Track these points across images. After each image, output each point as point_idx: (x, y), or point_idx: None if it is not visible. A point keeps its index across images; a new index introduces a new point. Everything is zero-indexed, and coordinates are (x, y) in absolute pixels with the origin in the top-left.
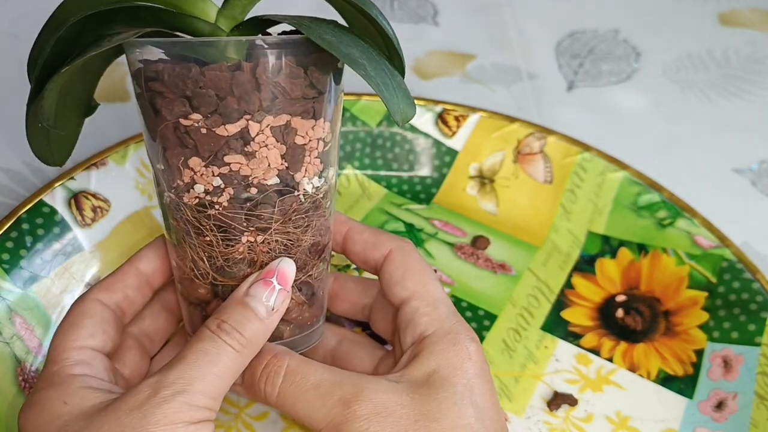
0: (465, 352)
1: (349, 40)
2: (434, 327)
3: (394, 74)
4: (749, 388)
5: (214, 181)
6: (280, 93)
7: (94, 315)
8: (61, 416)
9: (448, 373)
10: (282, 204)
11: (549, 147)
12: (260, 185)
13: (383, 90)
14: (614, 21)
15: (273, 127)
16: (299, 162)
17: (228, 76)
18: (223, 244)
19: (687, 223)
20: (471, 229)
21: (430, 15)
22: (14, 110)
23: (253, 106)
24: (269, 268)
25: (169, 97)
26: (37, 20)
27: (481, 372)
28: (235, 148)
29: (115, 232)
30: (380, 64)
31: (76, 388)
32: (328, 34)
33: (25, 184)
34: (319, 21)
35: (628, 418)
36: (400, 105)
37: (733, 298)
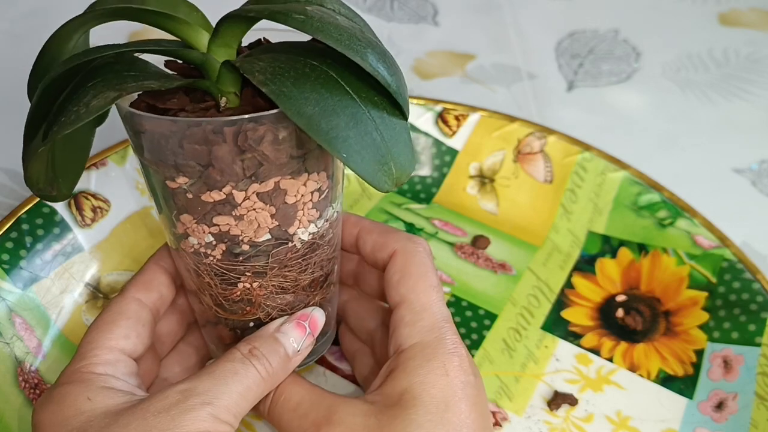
0: (441, 369)
1: (335, 101)
2: (412, 340)
3: (386, 141)
4: (749, 389)
5: (206, 237)
6: (264, 160)
7: (131, 316)
8: (84, 412)
9: (419, 391)
10: (276, 255)
11: (549, 146)
12: (252, 242)
13: (367, 175)
14: (614, 21)
15: (260, 192)
16: (291, 218)
17: (206, 151)
18: (220, 286)
19: (687, 223)
20: (471, 229)
21: (430, 15)
22: (14, 110)
23: (236, 177)
24: (303, 313)
25: (153, 157)
26: (37, 20)
27: (461, 387)
28: (223, 211)
29: (114, 232)
30: (367, 135)
31: (100, 387)
32: (310, 104)
33: (25, 184)
34: (306, 68)
35: (628, 418)
36: (388, 177)
37: (733, 298)
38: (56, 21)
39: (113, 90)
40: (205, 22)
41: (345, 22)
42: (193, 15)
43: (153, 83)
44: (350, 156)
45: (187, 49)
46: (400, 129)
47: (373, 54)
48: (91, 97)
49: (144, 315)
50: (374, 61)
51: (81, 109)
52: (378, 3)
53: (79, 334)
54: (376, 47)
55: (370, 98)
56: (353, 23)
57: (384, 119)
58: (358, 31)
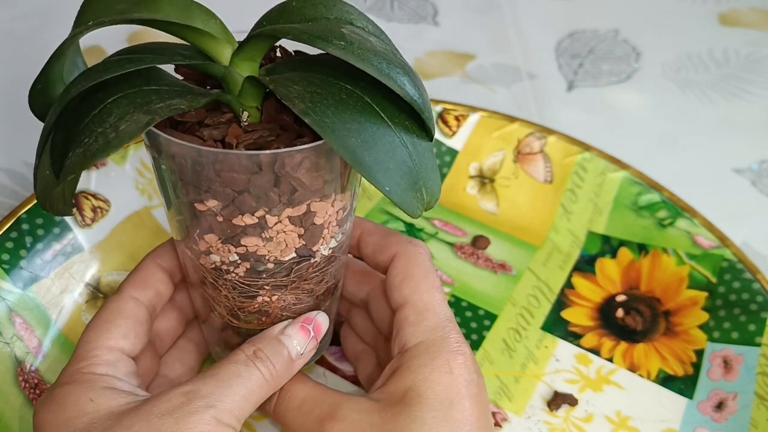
0: (445, 366)
1: (374, 131)
2: (416, 339)
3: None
4: (749, 389)
5: (230, 256)
6: (300, 186)
7: (129, 315)
8: (87, 413)
9: (424, 389)
10: (299, 270)
11: (549, 147)
12: (277, 261)
13: (404, 204)
14: (614, 21)
15: (292, 216)
16: (317, 237)
17: (245, 179)
18: (238, 299)
19: (687, 223)
20: (471, 229)
21: (430, 15)
22: (14, 110)
23: (271, 203)
24: (307, 316)
25: (182, 180)
26: (37, 20)
27: (465, 385)
28: (252, 233)
29: (114, 232)
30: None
31: (102, 388)
32: (353, 135)
33: (25, 184)
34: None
35: (628, 418)
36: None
37: (733, 298)
38: (56, 21)
39: (142, 112)
40: (223, 31)
41: (378, 44)
42: (210, 23)
43: (182, 104)
44: (392, 188)
45: (210, 63)
46: (427, 153)
47: (407, 78)
48: (117, 119)
49: (141, 313)
50: (410, 87)
51: (109, 132)
52: (378, 3)
53: (79, 334)
54: (408, 70)
55: (402, 123)
56: (384, 44)
57: (415, 144)
58: (390, 54)
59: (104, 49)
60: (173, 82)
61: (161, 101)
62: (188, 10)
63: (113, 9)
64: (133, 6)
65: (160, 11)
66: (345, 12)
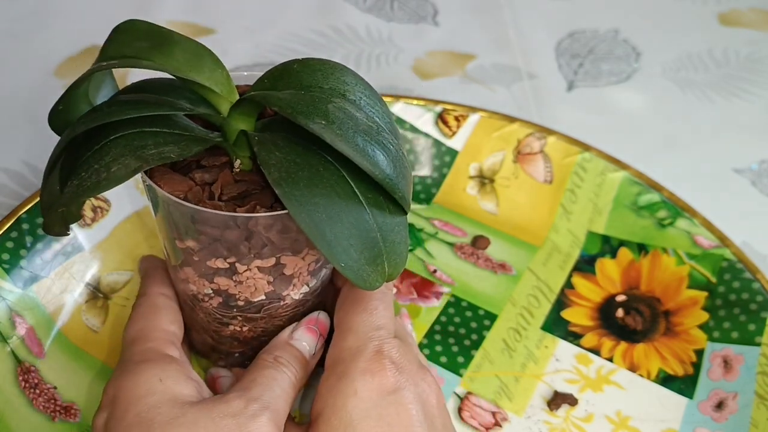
0: (349, 388)
1: (342, 206)
2: (330, 359)
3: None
4: (749, 388)
5: (205, 289)
6: (270, 243)
7: (166, 306)
8: (155, 393)
9: (329, 415)
10: (269, 309)
11: (549, 147)
12: (247, 300)
13: (359, 281)
14: (614, 21)
15: (261, 267)
16: (287, 284)
17: (217, 233)
18: (214, 323)
19: (687, 222)
20: (471, 229)
21: (430, 15)
22: (14, 110)
23: (241, 255)
24: (310, 317)
25: (166, 217)
26: (37, 20)
27: (372, 405)
28: (224, 275)
29: (115, 232)
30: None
31: (172, 369)
32: (319, 210)
33: (25, 184)
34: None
35: (628, 418)
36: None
37: (733, 298)
38: (56, 21)
39: (134, 158)
40: (227, 82)
41: (363, 120)
42: (216, 73)
43: (174, 152)
44: (348, 264)
45: (210, 113)
46: (398, 227)
47: (383, 156)
48: (111, 159)
49: (174, 305)
50: (384, 166)
51: (102, 172)
52: (378, 3)
53: (79, 334)
54: (388, 146)
55: (375, 199)
56: (372, 117)
57: (386, 220)
58: (373, 131)
59: None
60: (175, 123)
61: (155, 147)
62: (199, 57)
63: (132, 47)
64: (149, 49)
65: (172, 58)
66: (341, 82)
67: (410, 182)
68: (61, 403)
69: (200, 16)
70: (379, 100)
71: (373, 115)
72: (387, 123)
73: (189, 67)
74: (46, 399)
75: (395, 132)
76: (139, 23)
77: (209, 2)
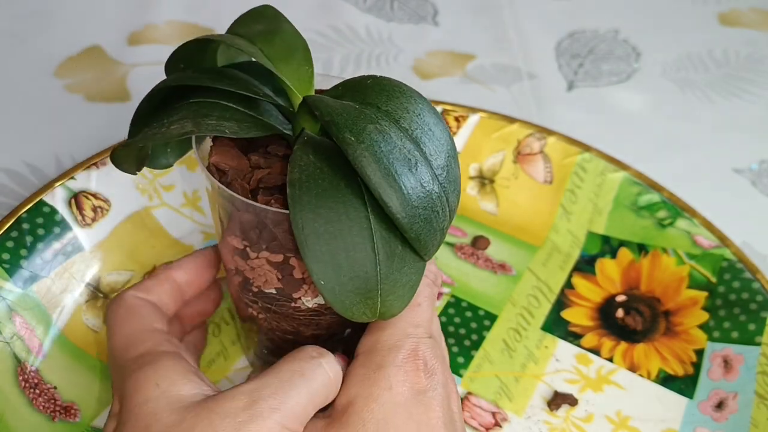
0: (385, 381)
1: (346, 229)
2: (365, 347)
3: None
4: (749, 388)
5: (230, 264)
6: (277, 239)
7: (143, 307)
8: (152, 400)
9: (361, 405)
10: (279, 308)
11: (549, 147)
12: (260, 290)
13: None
14: (614, 21)
15: (270, 260)
16: (297, 287)
17: (237, 214)
18: (239, 301)
19: (687, 223)
20: (471, 229)
21: (430, 15)
22: (14, 110)
23: (251, 241)
24: None
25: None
26: (37, 20)
27: (404, 402)
28: (239, 255)
29: (115, 232)
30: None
31: (168, 369)
32: (318, 222)
33: (25, 184)
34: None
35: (628, 418)
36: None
37: (733, 297)
38: (56, 21)
39: (192, 123)
40: (307, 80)
41: (404, 150)
42: (301, 69)
43: (231, 128)
44: (328, 284)
45: (284, 105)
46: (409, 271)
47: (406, 192)
48: (177, 119)
49: (151, 308)
50: (401, 201)
51: (164, 127)
52: (378, 3)
53: (79, 334)
54: (418, 186)
55: (390, 235)
56: (413, 154)
57: (395, 259)
58: (410, 164)
59: (104, 48)
60: (253, 104)
61: (216, 119)
62: (292, 51)
63: (250, 28)
64: (258, 33)
65: (269, 46)
66: (402, 108)
67: (437, 229)
68: (61, 403)
69: (200, 16)
70: (442, 139)
71: (424, 149)
72: (440, 163)
73: (279, 58)
74: (46, 399)
75: (450, 176)
76: (268, 9)
77: (209, 2)
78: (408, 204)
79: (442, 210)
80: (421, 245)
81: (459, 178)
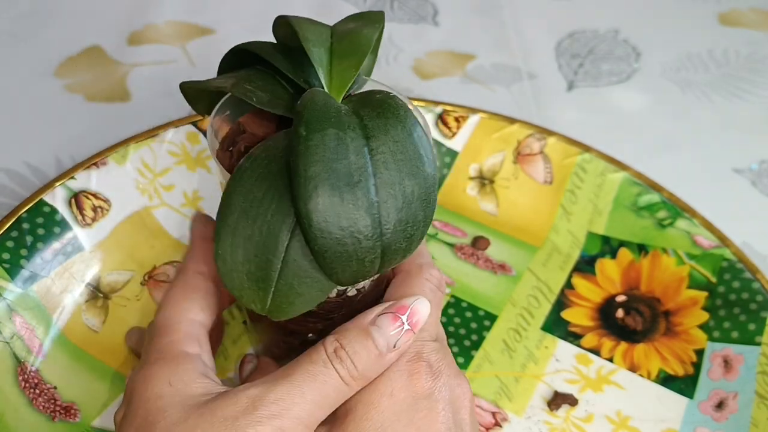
0: (386, 387)
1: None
2: None
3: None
4: (749, 388)
5: None
6: None
7: (200, 289)
8: (163, 397)
9: (360, 412)
10: None
11: (549, 148)
12: None
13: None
14: (614, 21)
15: None
16: None
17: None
18: None
19: (687, 223)
20: (471, 230)
21: (430, 15)
22: (14, 110)
23: None
24: (403, 304)
25: None
26: (38, 20)
27: (405, 409)
28: None
29: (115, 231)
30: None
31: (184, 369)
32: (243, 196)
33: (25, 184)
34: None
35: (628, 418)
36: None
37: (733, 297)
38: (56, 21)
39: (234, 86)
40: (346, 79)
41: (352, 167)
42: (347, 72)
43: (260, 99)
44: (223, 257)
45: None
46: (312, 283)
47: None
48: (231, 79)
49: (211, 287)
50: (312, 210)
51: (219, 81)
52: (378, 3)
53: (79, 333)
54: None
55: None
56: (365, 176)
57: (301, 263)
58: (350, 182)
59: (104, 48)
60: (297, 85)
61: (254, 89)
62: (351, 53)
63: (346, 21)
64: (344, 30)
65: (339, 42)
66: (383, 129)
67: (353, 257)
68: (61, 403)
69: (200, 16)
70: (411, 173)
71: (378, 175)
72: (395, 196)
73: (340, 56)
74: (46, 399)
75: (404, 215)
76: (374, 14)
77: (209, 2)
78: (321, 216)
79: (368, 241)
80: (325, 263)
81: (421, 223)
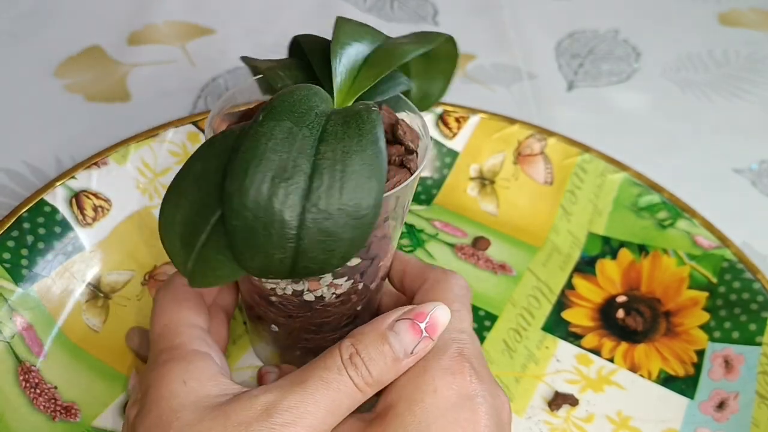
0: (429, 385)
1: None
2: None
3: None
4: (750, 388)
5: None
6: None
7: (189, 297)
8: (177, 396)
9: (403, 409)
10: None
11: (549, 148)
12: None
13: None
14: (614, 21)
15: None
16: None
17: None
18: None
19: (687, 223)
20: (471, 230)
21: (430, 15)
22: (14, 110)
23: None
24: (422, 310)
25: None
26: (38, 20)
27: (448, 407)
28: None
29: (115, 231)
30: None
31: (198, 367)
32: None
33: (25, 184)
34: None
35: (629, 418)
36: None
37: (733, 298)
38: (56, 21)
39: (268, 67)
40: (357, 87)
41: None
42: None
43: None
44: (166, 221)
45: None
46: (224, 264)
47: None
48: (276, 64)
49: (197, 295)
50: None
51: (267, 64)
52: (378, 3)
53: (79, 333)
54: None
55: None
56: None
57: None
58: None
59: (104, 48)
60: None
61: (288, 78)
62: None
63: (401, 39)
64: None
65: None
66: (338, 138)
67: (261, 248)
68: (61, 403)
69: (200, 16)
70: (351, 189)
71: (315, 179)
72: (324, 205)
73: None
74: (46, 399)
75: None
76: (441, 35)
77: (209, 2)
78: (240, 198)
79: (280, 239)
80: (234, 245)
81: (347, 242)
